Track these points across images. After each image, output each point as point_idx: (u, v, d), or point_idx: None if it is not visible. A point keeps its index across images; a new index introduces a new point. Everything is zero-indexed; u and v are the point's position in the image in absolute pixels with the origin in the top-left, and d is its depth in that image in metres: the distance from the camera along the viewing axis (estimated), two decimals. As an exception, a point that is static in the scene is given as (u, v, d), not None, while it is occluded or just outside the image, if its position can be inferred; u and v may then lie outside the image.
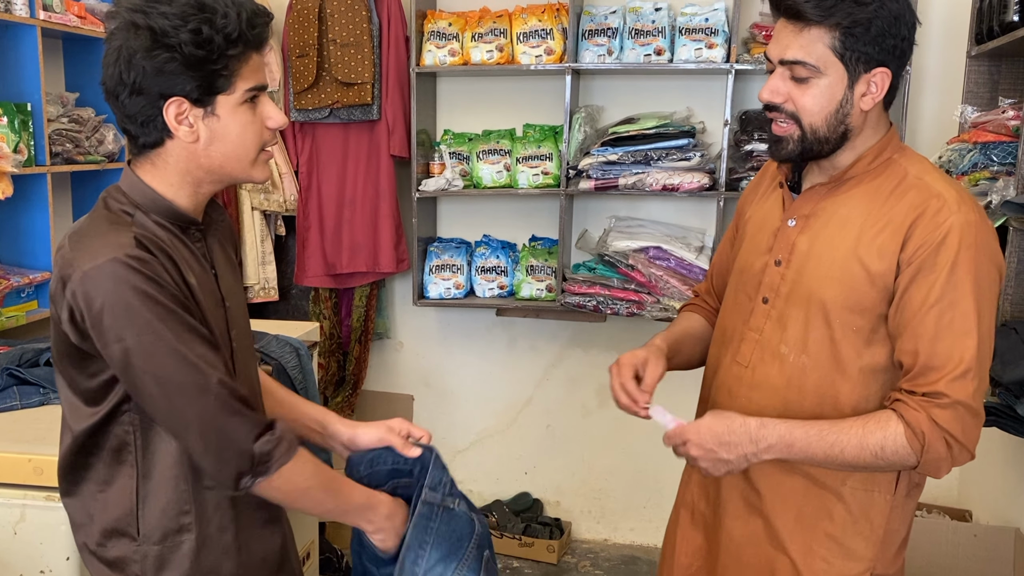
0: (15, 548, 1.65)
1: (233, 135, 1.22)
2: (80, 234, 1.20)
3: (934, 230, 1.30)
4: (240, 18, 1.17)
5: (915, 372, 1.31)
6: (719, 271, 1.70)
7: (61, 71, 3.10)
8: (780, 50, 1.34)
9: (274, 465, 1.20)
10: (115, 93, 1.18)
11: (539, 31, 3.09)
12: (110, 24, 1.19)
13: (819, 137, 1.36)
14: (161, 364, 1.15)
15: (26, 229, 2.76)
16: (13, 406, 1.89)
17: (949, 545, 2.64)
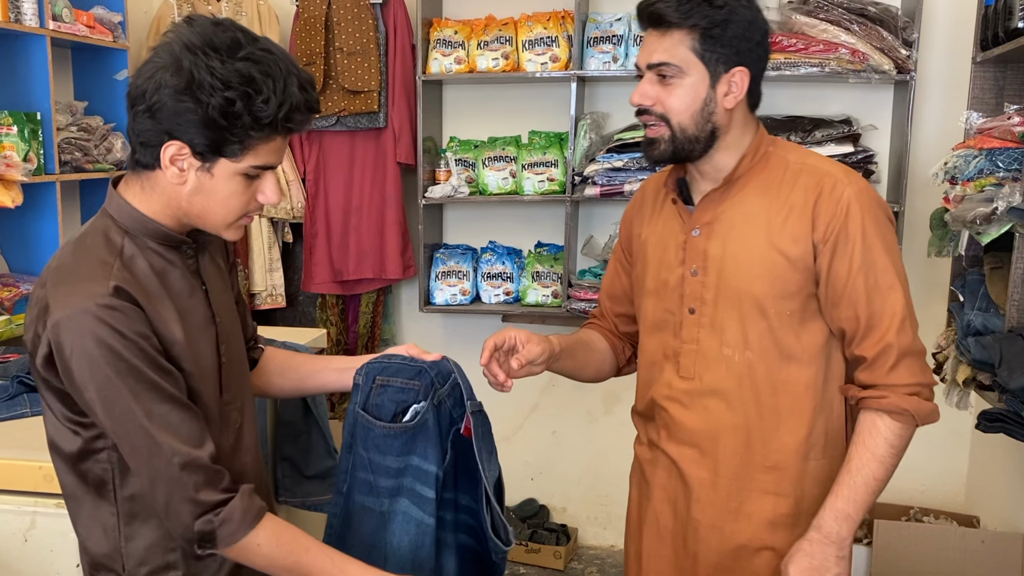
0: (26, 555, 1.66)
1: (219, 197, 1.20)
2: (61, 274, 1.18)
3: (836, 205, 1.41)
4: (280, 108, 1.14)
5: (860, 334, 1.42)
6: (612, 295, 1.74)
7: (70, 80, 3.13)
8: (647, 56, 1.44)
9: (220, 544, 1.18)
10: (133, 103, 1.17)
11: (544, 38, 3.10)
12: (166, 37, 1.17)
13: (688, 136, 1.44)
14: (118, 421, 1.15)
15: (36, 237, 2.78)
16: (23, 413, 1.90)
17: (957, 551, 2.64)
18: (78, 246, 1.22)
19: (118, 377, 1.13)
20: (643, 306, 1.61)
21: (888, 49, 2.84)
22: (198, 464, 1.17)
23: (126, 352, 1.13)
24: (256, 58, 1.13)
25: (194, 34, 1.14)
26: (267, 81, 1.13)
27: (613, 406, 3.52)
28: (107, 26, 2.99)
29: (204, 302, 1.29)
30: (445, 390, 1.46)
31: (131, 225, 1.22)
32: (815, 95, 3.11)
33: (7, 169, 2.43)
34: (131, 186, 1.24)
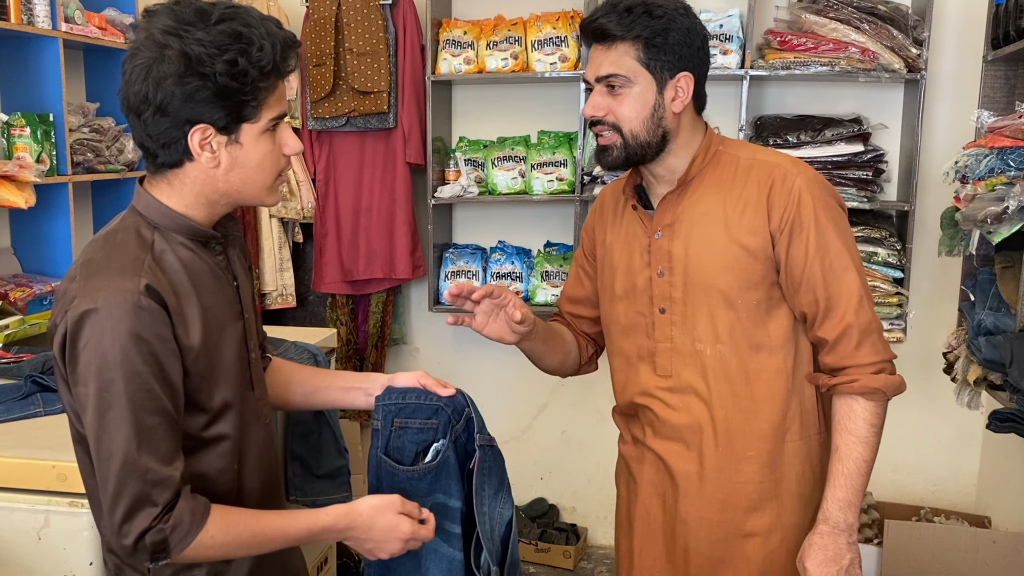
0: (40, 553, 1.67)
1: (254, 163, 1.22)
2: (92, 267, 1.18)
3: (787, 195, 1.48)
4: (275, 49, 1.17)
5: (820, 316, 1.49)
6: (574, 298, 1.79)
7: (82, 81, 3.14)
8: (595, 69, 1.50)
9: (175, 551, 1.17)
10: (137, 111, 1.17)
11: (554, 39, 3.11)
12: (137, 37, 1.17)
13: (640, 142, 1.50)
14: (105, 426, 1.15)
15: (48, 238, 2.79)
16: (36, 413, 1.91)
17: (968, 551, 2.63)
18: (108, 241, 1.22)
19: (123, 381, 1.13)
20: (614, 311, 1.65)
21: (898, 48, 2.83)
22: (169, 483, 1.16)
23: (139, 356, 1.14)
24: (231, 15, 1.15)
25: (163, 19, 1.14)
26: (252, 31, 1.15)
27: (622, 406, 3.52)
28: (119, 28, 3.01)
29: (234, 297, 1.30)
30: (460, 425, 1.46)
31: (161, 221, 1.23)
32: (825, 94, 3.10)
33: (20, 170, 2.44)
34: (157, 185, 1.24)
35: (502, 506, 1.47)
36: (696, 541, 1.59)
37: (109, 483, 1.15)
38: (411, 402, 1.45)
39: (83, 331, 1.13)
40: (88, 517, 1.65)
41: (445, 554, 1.45)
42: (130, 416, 1.14)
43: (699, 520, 1.58)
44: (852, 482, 1.48)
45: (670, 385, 1.58)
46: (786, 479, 1.56)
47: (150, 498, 1.14)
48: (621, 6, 1.46)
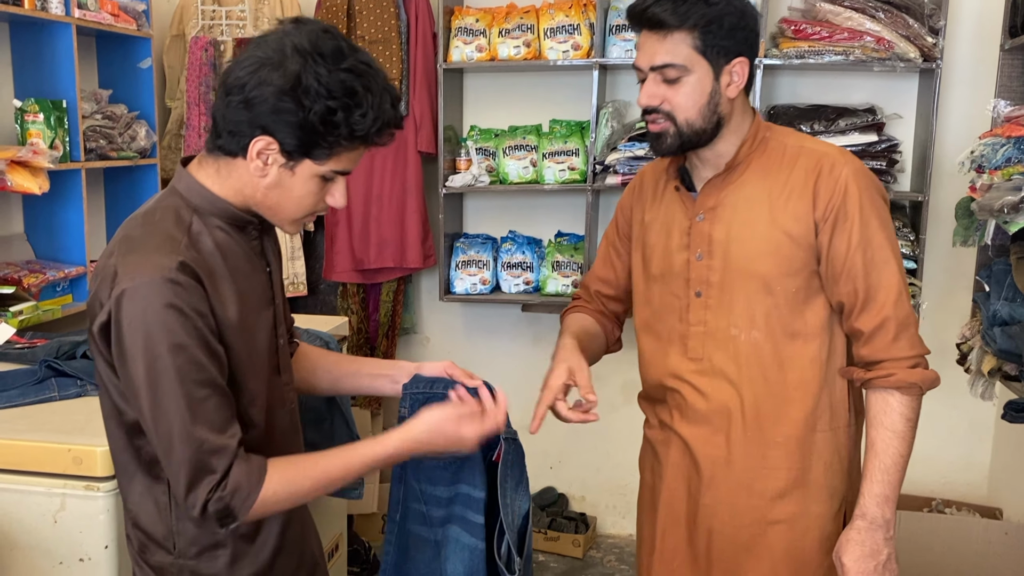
0: (56, 536, 1.68)
1: (294, 195, 1.24)
2: (131, 243, 1.20)
3: (834, 184, 1.47)
4: (375, 123, 1.18)
5: (859, 307, 1.48)
6: (604, 279, 1.79)
7: (95, 68, 3.15)
8: (648, 58, 1.47)
9: (240, 514, 1.19)
10: (228, 91, 1.18)
11: (566, 26, 3.09)
12: (275, 33, 1.19)
13: (695, 129, 1.49)
14: (159, 401, 1.16)
15: (61, 224, 2.81)
16: (52, 397, 1.92)
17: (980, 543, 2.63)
18: (146, 219, 1.24)
19: (169, 354, 1.14)
20: (647, 291, 1.65)
21: (914, 37, 2.81)
22: (226, 451, 1.18)
23: (182, 329, 1.15)
24: (359, 71, 1.17)
25: (302, 37, 1.16)
26: (367, 95, 1.17)
27: (632, 396, 3.51)
28: (131, 14, 3.01)
29: (266, 282, 1.32)
30: None
31: (200, 203, 1.25)
32: (839, 84, 3.09)
33: (34, 156, 2.45)
34: (205, 167, 1.26)
35: (521, 499, 1.47)
36: (720, 525, 1.59)
37: (170, 457, 1.18)
38: (438, 391, 1.46)
39: (124, 309, 1.15)
40: (104, 500, 1.66)
41: (466, 543, 1.46)
42: (180, 389, 1.15)
43: (724, 505, 1.58)
44: (889, 477, 1.47)
45: (701, 368, 1.57)
46: (814, 469, 1.56)
47: (208, 467, 1.16)
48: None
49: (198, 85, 3.19)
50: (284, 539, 1.38)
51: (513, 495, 1.45)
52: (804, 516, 1.56)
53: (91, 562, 1.67)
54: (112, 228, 3.24)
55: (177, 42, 3.34)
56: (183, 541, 1.29)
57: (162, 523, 1.29)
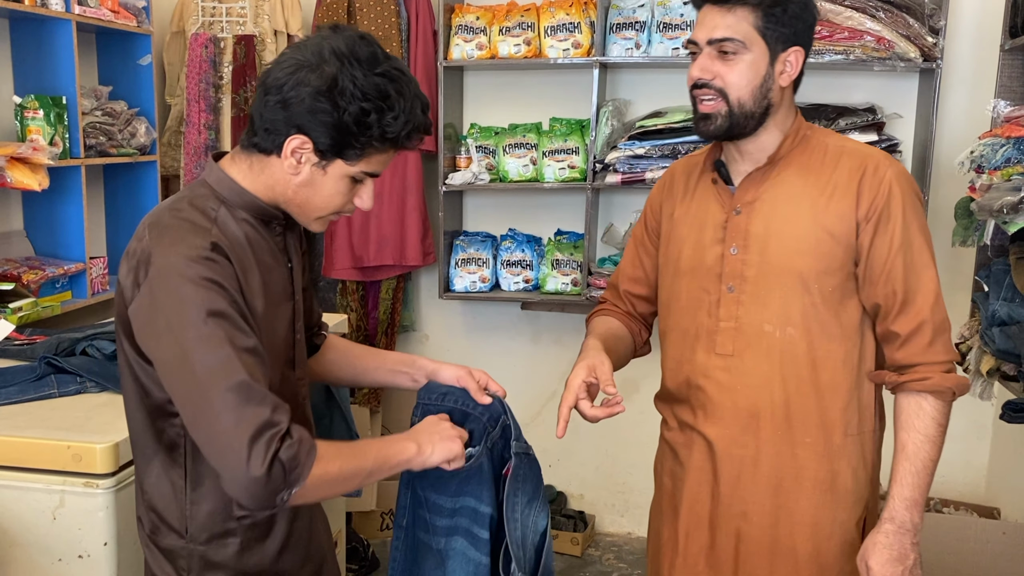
0: (54, 533, 1.68)
1: (324, 193, 1.28)
2: (162, 228, 1.22)
3: (879, 185, 1.47)
4: (406, 127, 1.23)
5: (896, 310, 1.48)
6: (633, 277, 1.76)
7: (95, 65, 3.15)
8: (708, 31, 1.46)
9: (306, 466, 1.16)
10: (267, 90, 1.23)
11: (567, 24, 3.09)
12: (314, 37, 1.24)
13: (745, 112, 1.47)
14: (208, 368, 1.14)
15: (61, 220, 2.81)
16: (51, 394, 1.92)
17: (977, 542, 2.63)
18: (174, 208, 1.26)
19: (213, 320, 1.15)
20: (675, 286, 1.62)
21: (914, 36, 2.81)
22: (284, 407, 1.17)
23: (221, 299, 1.17)
24: (392, 76, 1.22)
25: (340, 41, 1.21)
26: (399, 100, 1.22)
27: (632, 394, 3.52)
28: (131, 11, 3.01)
29: (287, 278, 1.36)
30: (496, 432, 1.47)
31: (228, 195, 1.29)
32: (839, 83, 3.08)
33: (33, 152, 2.45)
34: (238, 163, 1.30)
35: (536, 515, 1.47)
36: (746, 527, 1.56)
37: (222, 420, 1.13)
38: (448, 405, 1.47)
39: (162, 287, 1.17)
40: (103, 497, 1.66)
41: (472, 558, 1.46)
42: (229, 350, 1.15)
43: (750, 505, 1.56)
44: (919, 481, 1.46)
45: (729, 365, 1.54)
46: (841, 474, 1.54)
47: (271, 421, 1.14)
48: None
49: (198, 82, 3.19)
50: (292, 532, 1.40)
51: (526, 511, 1.45)
52: (830, 521, 1.54)
53: (90, 559, 1.67)
54: (112, 225, 3.24)
55: (177, 39, 3.34)
56: (195, 526, 1.31)
57: (176, 506, 1.31)
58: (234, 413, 1.13)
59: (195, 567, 1.32)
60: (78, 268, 2.79)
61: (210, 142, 3.22)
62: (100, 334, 2.11)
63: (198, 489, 1.30)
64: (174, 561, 1.33)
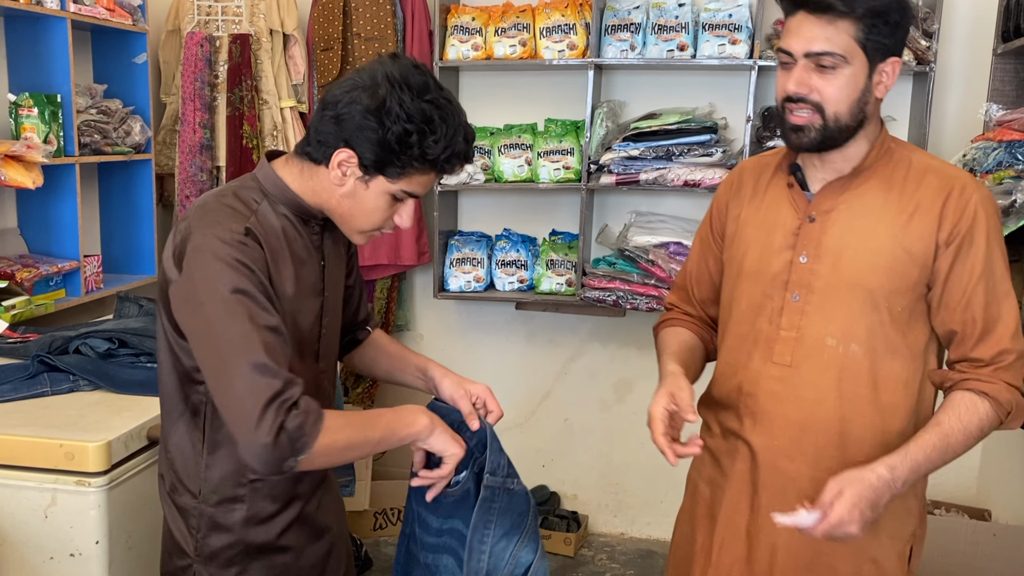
0: (46, 531, 1.68)
1: (366, 207, 1.37)
2: (205, 210, 1.33)
3: (964, 208, 1.41)
4: (445, 151, 1.31)
5: (976, 338, 1.42)
6: (700, 280, 1.71)
7: (90, 63, 3.14)
8: (805, 43, 1.39)
9: (312, 436, 1.24)
10: (325, 105, 1.33)
11: (562, 26, 3.10)
12: (375, 64, 1.33)
13: (841, 126, 1.41)
14: (229, 341, 1.23)
15: (55, 218, 2.80)
16: (44, 392, 1.93)
17: (968, 544, 2.64)
18: (220, 195, 1.37)
19: (235, 297, 1.24)
20: (736, 288, 1.57)
21: (908, 40, 2.82)
22: (296, 381, 1.25)
23: (247, 280, 1.26)
24: (439, 104, 1.30)
25: (395, 68, 1.31)
26: (442, 126, 1.30)
27: (625, 395, 3.53)
28: (127, 9, 3.01)
29: (319, 274, 1.44)
30: (484, 458, 1.47)
31: (273, 190, 1.38)
32: (833, 85, 3.09)
33: (28, 150, 2.45)
34: (290, 166, 1.40)
35: (519, 549, 1.46)
36: (785, 541, 1.50)
37: (237, 388, 1.22)
38: (449, 418, 1.49)
39: (196, 262, 1.27)
40: (95, 495, 1.66)
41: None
42: (249, 325, 1.24)
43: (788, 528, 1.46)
44: (935, 457, 1.39)
45: (784, 376, 1.49)
46: (892, 504, 1.44)
47: (282, 393, 1.22)
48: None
49: (193, 80, 3.19)
50: (300, 515, 1.48)
51: (502, 543, 1.45)
52: (872, 546, 1.48)
53: (82, 557, 1.68)
54: (106, 223, 3.24)
55: (173, 37, 3.34)
56: (207, 488, 1.42)
57: (193, 467, 1.42)
58: (248, 383, 1.22)
59: (204, 526, 1.42)
60: (72, 266, 2.79)
61: (205, 141, 3.22)
62: (94, 332, 2.11)
63: (214, 454, 1.40)
64: (186, 519, 1.43)
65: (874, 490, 1.35)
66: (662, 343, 1.69)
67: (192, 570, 1.44)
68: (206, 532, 1.42)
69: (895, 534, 1.50)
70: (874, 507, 1.35)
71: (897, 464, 1.37)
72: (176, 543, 1.45)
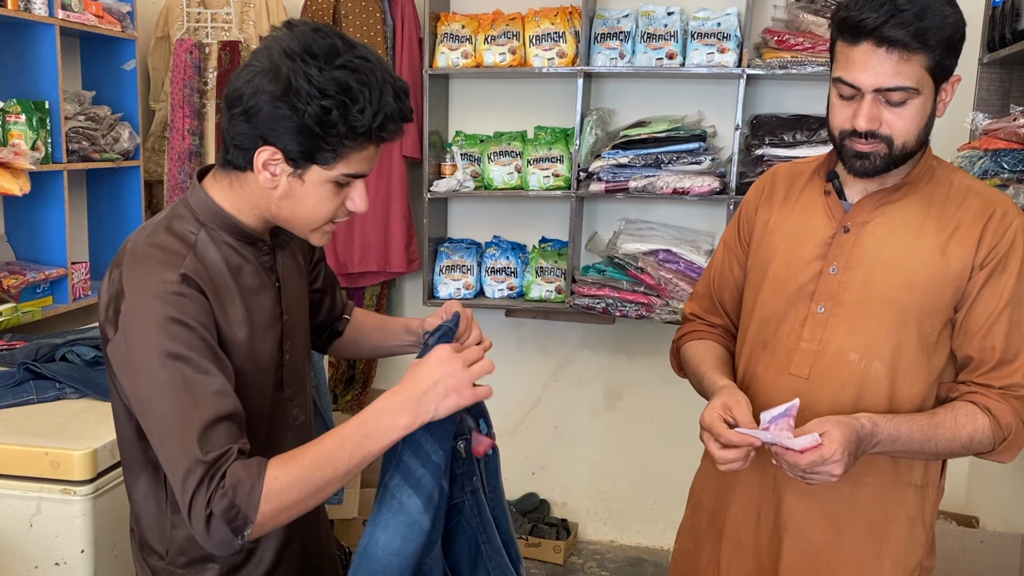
0: (31, 540, 1.67)
1: (308, 203, 1.21)
2: (135, 257, 1.19)
3: (1003, 232, 1.38)
4: (375, 118, 1.14)
5: (991, 367, 1.39)
6: (725, 286, 1.65)
7: (78, 69, 3.14)
8: (876, 78, 1.32)
9: (249, 511, 1.08)
10: (230, 104, 1.17)
11: (551, 34, 3.11)
12: (266, 41, 1.17)
13: (907, 152, 1.37)
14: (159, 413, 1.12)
15: (42, 225, 2.79)
16: (30, 400, 1.92)
17: (956, 551, 2.65)
18: (154, 232, 1.22)
19: (172, 363, 1.11)
20: (758, 295, 1.53)
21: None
22: (227, 455, 1.10)
23: (184, 341, 1.12)
24: (353, 66, 1.13)
25: (293, 40, 1.14)
26: (363, 90, 1.13)
27: (615, 402, 3.53)
28: (116, 16, 3.00)
29: (275, 299, 1.30)
30: None
31: (209, 218, 1.23)
32: (821, 94, 3.09)
33: (15, 157, 2.44)
34: (218, 182, 1.25)
35: None
36: (790, 560, 1.48)
37: (174, 472, 1.11)
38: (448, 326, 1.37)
39: (129, 326, 1.14)
40: (80, 504, 1.66)
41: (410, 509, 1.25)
42: (184, 397, 1.10)
43: (797, 537, 1.48)
44: (914, 436, 1.34)
45: (800, 388, 1.44)
46: (897, 521, 1.46)
47: (206, 472, 1.08)
48: (911, 11, 1.28)
49: (182, 87, 3.19)
50: (282, 556, 1.35)
51: None
52: (877, 570, 1.46)
53: (67, 566, 1.67)
54: (94, 230, 3.23)
55: (162, 44, 3.33)
56: (174, 548, 1.28)
57: (158, 526, 1.28)
58: (180, 467, 1.09)
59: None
60: (59, 273, 2.77)
61: (194, 148, 3.21)
62: (80, 340, 2.10)
63: (178, 513, 1.22)
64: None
65: (858, 436, 1.31)
66: (697, 357, 1.61)
67: None
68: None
69: (899, 562, 1.47)
70: (855, 454, 1.31)
71: (880, 423, 1.34)
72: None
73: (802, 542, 1.48)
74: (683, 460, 1.47)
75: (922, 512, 1.48)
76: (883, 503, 1.45)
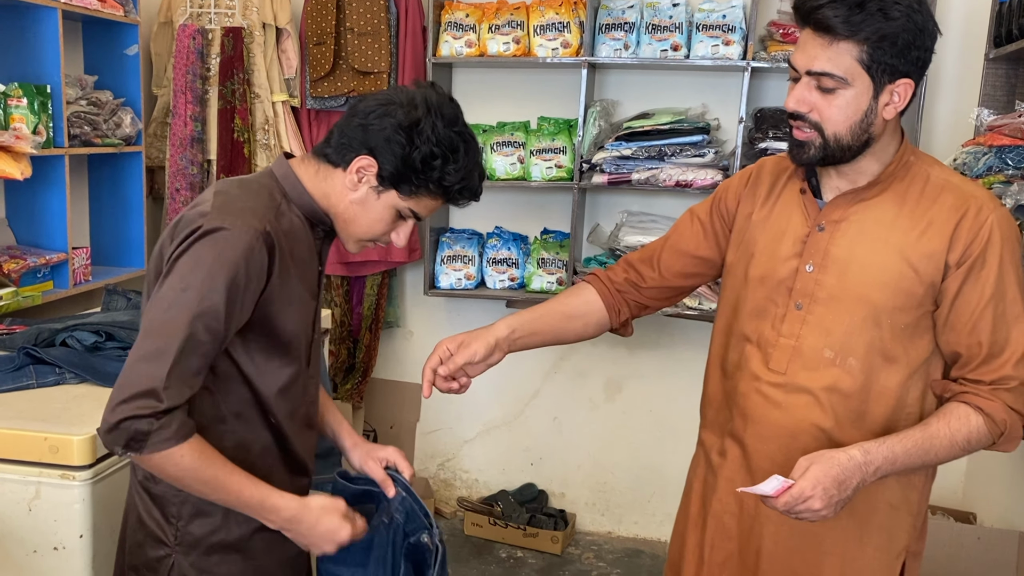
0: (29, 525, 1.67)
1: (369, 217, 1.40)
2: (227, 200, 1.33)
3: (978, 229, 1.38)
4: (460, 183, 1.38)
5: (979, 361, 1.40)
6: (677, 252, 1.66)
7: (80, 54, 3.12)
8: (807, 61, 1.36)
9: (148, 448, 1.23)
10: (355, 112, 1.38)
11: (556, 24, 3.10)
12: (414, 87, 1.38)
13: (842, 145, 1.38)
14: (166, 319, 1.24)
15: (43, 210, 2.79)
16: (29, 385, 1.92)
17: (953, 547, 2.65)
18: (243, 185, 1.39)
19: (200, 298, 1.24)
20: (741, 290, 1.56)
21: (901, 43, 2.83)
22: (179, 394, 1.24)
23: (230, 281, 1.25)
24: (466, 137, 1.38)
25: (433, 96, 1.37)
26: (465, 158, 1.37)
27: (615, 394, 3.53)
28: (119, 0, 2.99)
29: (316, 279, 1.46)
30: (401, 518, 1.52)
31: (290, 190, 1.41)
32: (826, 88, 3.10)
33: (16, 141, 2.43)
34: (306, 166, 1.42)
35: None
36: (771, 546, 1.51)
37: (137, 365, 1.24)
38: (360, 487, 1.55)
39: (200, 242, 1.26)
40: (79, 489, 1.66)
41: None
42: (187, 328, 1.23)
43: (778, 526, 1.49)
44: (911, 453, 1.36)
45: (780, 382, 1.48)
46: (879, 509, 1.47)
47: (157, 395, 1.22)
48: (852, 1, 1.30)
49: (185, 73, 3.17)
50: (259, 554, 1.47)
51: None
52: (859, 556, 1.48)
53: (65, 551, 1.67)
54: (95, 215, 3.22)
55: (165, 29, 3.32)
56: None
57: None
58: (142, 368, 1.23)
59: (186, 513, 1.39)
60: (60, 258, 2.77)
61: (196, 134, 3.20)
62: (80, 325, 2.10)
63: None
64: (164, 507, 1.40)
65: (842, 469, 1.33)
66: (552, 299, 1.70)
67: (171, 560, 1.40)
68: (188, 519, 1.39)
69: (882, 547, 1.48)
70: (841, 487, 1.33)
71: (872, 450, 1.36)
72: (150, 533, 1.40)
73: (785, 529, 1.50)
74: (681, 453, 1.48)
75: (906, 498, 1.48)
76: (864, 490, 1.44)
